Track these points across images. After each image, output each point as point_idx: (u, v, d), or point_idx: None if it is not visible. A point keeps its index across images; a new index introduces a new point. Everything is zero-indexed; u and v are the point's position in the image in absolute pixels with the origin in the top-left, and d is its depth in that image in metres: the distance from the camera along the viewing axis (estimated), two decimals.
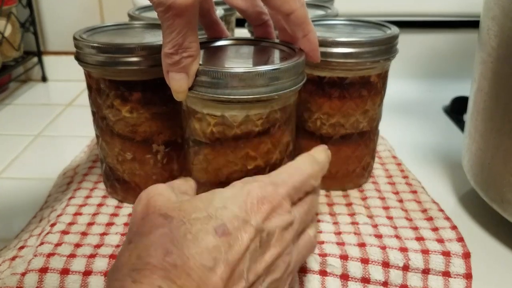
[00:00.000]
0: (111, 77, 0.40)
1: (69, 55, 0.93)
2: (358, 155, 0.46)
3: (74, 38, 0.40)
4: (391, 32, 0.43)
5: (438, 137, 0.66)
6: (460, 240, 0.40)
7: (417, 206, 0.45)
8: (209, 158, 0.37)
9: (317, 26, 0.47)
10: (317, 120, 0.44)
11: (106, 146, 0.43)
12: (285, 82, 0.34)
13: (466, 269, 0.38)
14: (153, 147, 0.42)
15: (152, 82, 0.40)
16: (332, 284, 0.36)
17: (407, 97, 0.80)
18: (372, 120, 0.45)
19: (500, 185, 0.42)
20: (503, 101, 0.41)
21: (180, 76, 0.33)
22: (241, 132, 0.35)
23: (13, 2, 0.84)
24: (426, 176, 0.52)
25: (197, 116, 0.36)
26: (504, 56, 0.41)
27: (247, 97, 0.33)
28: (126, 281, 0.24)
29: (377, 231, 0.41)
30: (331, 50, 0.41)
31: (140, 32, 0.44)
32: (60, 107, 0.83)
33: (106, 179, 0.46)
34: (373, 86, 0.43)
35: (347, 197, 0.46)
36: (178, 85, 0.33)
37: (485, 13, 0.45)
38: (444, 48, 0.85)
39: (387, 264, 0.37)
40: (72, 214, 0.43)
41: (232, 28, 0.62)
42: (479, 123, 0.45)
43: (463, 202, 0.51)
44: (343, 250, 0.38)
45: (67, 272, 0.36)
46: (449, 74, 0.84)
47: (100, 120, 0.42)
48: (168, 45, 0.32)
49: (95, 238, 0.40)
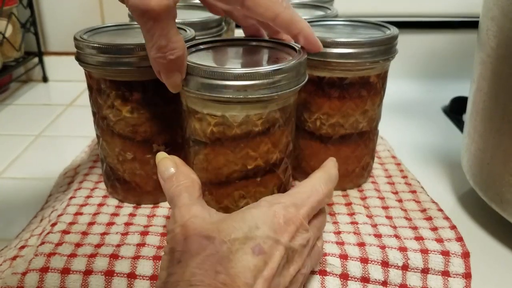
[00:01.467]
0: (112, 77, 0.40)
1: (69, 56, 0.93)
2: (357, 155, 0.46)
3: (74, 39, 0.40)
4: (390, 32, 0.43)
5: (437, 137, 0.66)
6: (459, 239, 0.40)
7: (417, 206, 0.45)
8: (209, 157, 0.37)
9: (316, 26, 0.47)
10: (316, 120, 0.45)
11: (106, 146, 0.44)
12: (285, 82, 0.34)
13: (465, 269, 0.38)
14: (153, 147, 0.43)
15: (153, 82, 0.40)
16: (331, 283, 0.36)
17: (407, 97, 0.80)
18: (372, 120, 0.46)
19: (499, 185, 0.42)
20: (502, 101, 0.41)
21: (175, 74, 0.34)
22: (241, 132, 0.35)
23: (14, 3, 0.85)
24: (426, 176, 0.53)
25: (197, 116, 0.36)
26: (503, 56, 0.41)
27: (247, 97, 0.33)
28: None
29: (376, 231, 0.41)
30: (330, 51, 0.41)
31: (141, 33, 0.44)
32: (61, 107, 0.83)
33: (107, 179, 0.46)
34: (372, 86, 0.43)
35: (346, 197, 0.47)
36: (172, 82, 0.35)
37: (484, 13, 0.45)
38: (444, 48, 0.85)
39: (386, 264, 0.37)
40: (73, 214, 0.43)
41: (232, 28, 0.62)
42: (478, 123, 0.45)
43: (462, 202, 0.51)
44: (342, 250, 0.38)
45: (67, 271, 0.36)
46: (449, 75, 0.84)
47: (100, 120, 0.43)
48: (153, 50, 0.33)
49: (95, 238, 0.40)
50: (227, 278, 0.27)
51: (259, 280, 0.28)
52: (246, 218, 0.30)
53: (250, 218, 0.30)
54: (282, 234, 0.30)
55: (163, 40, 0.32)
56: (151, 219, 0.43)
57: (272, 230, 0.30)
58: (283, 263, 0.30)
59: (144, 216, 0.43)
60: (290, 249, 0.30)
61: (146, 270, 0.36)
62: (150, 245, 0.39)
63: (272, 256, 0.29)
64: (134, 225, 0.42)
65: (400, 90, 0.80)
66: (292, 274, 0.31)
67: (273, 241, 0.30)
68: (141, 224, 0.42)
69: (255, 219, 0.30)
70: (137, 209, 0.44)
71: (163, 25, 0.31)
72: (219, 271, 0.28)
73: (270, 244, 0.29)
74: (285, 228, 0.30)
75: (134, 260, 0.37)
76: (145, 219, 0.43)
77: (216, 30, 0.49)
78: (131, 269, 0.36)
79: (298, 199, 0.33)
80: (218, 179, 0.37)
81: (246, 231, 0.29)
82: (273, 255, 0.29)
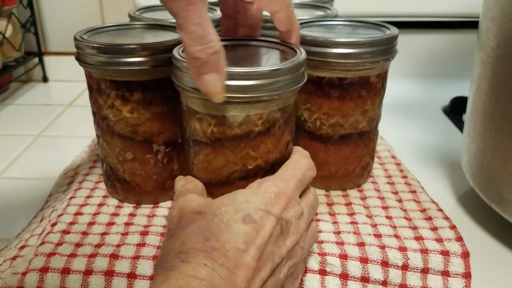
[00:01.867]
0: (112, 77, 0.40)
1: (69, 56, 0.93)
2: (357, 155, 0.46)
3: (74, 39, 0.40)
4: (390, 32, 0.43)
5: (437, 137, 0.66)
6: (459, 239, 0.40)
7: (416, 206, 0.45)
8: (210, 158, 0.37)
9: (316, 26, 0.47)
10: (316, 120, 0.45)
11: (106, 146, 0.44)
12: (285, 82, 0.34)
13: (465, 269, 0.38)
14: (153, 147, 0.43)
15: (153, 82, 0.40)
16: (331, 283, 0.36)
17: (407, 97, 0.80)
18: (372, 120, 0.46)
19: (499, 185, 0.42)
20: (502, 101, 0.41)
21: (213, 76, 0.31)
22: (241, 132, 0.35)
23: (14, 3, 0.85)
24: (425, 176, 0.53)
25: (197, 116, 0.36)
26: (503, 56, 0.41)
27: (247, 97, 0.33)
28: (175, 262, 0.27)
29: (376, 231, 0.41)
30: (330, 51, 0.41)
31: (141, 33, 0.44)
32: (61, 107, 0.83)
33: (107, 179, 0.46)
34: (372, 86, 0.43)
35: (346, 197, 0.47)
36: (213, 86, 0.31)
37: (484, 13, 0.45)
38: (444, 48, 0.85)
39: (386, 264, 0.38)
40: (73, 214, 0.43)
41: None
42: (478, 123, 0.45)
43: (462, 202, 0.51)
44: (342, 250, 0.38)
45: (67, 271, 0.36)
46: (449, 75, 0.84)
47: (100, 120, 0.43)
48: (191, 44, 0.30)
49: (95, 238, 0.40)
50: (216, 243, 0.28)
51: (251, 247, 0.28)
52: (237, 195, 0.32)
53: (241, 195, 0.31)
54: (272, 206, 0.31)
55: (200, 29, 0.29)
56: (151, 219, 0.43)
57: (263, 203, 0.31)
58: (276, 233, 0.30)
59: (144, 216, 0.43)
60: (283, 220, 0.31)
61: (146, 270, 0.36)
62: (150, 245, 0.39)
63: (263, 226, 0.30)
64: (134, 225, 0.42)
65: (400, 90, 0.80)
66: (289, 246, 0.31)
67: (264, 212, 0.30)
68: (141, 224, 0.42)
69: (246, 196, 0.31)
70: (137, 209, 0.45)
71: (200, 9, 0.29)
72: (209, 238, 0.28)
73: (261, 215, 0.30)
74: (275, 200, 0.31)
75: (134, 260, 0.37)
76: (145, 219, 0.43)
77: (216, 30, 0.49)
78: (131, 269, 0.36)
79: (285, 175, 0.34)
80: (218, 179, 0.37)
81: (237, 205, 0.30)
82: (264, 225, 0.30)
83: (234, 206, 0.30)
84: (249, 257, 0.28)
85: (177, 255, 0.27)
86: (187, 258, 0.27)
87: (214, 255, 0.27)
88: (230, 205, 0.30)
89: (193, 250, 0.27)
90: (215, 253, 0.27)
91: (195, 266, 0.26)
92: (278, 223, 0.30)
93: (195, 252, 0.27)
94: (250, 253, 0.28)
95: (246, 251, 0.28)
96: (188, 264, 0.27)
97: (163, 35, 0.43)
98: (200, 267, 0.26)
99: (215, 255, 0.27)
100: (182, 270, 0.26)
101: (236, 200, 0.31)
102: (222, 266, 0.27)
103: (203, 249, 0.27)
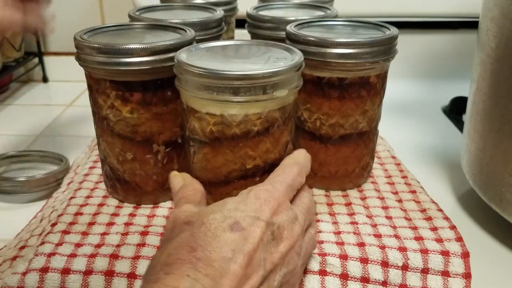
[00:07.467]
0: (112, 77, 0.40)
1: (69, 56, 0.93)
2: (357, 155, 0.46)
3: (74, 39, 0.40)
4: (390, 32, 0.43)
5: (437, 137, 0.66)
6: (459, 239, 0.40)
7: (416, 206, 0.45)
8: (209, 157, 0.37)
9: (316, 26, 0.47)
10: (316, 120, 0.45)
11: (106, 146, 0.44)
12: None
13: (465, 269, 0.38)
14: (153, 147, 0.43)
15: (153, 82, 0.40)
16: (331, 283, 0.36)
17: (406, 97, 0.80)
18: (372, 120, 0.46)
19: (499, 185, 0.42)
20: (502, 101, 0.41)
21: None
22: (240, 131, 0.35)
23: None
24: (425, 176, 0.53)
25: (196, 115, 0.36)
26: (503, 56, 0.41)
27: (246, 97, 0.33)
28: (159, 274, 0.27)
29: (376, 231, 0.41)
30: (330, 51, 0.41)
31: (141, 33, 0.45)
32: (61, 108, 0.83)
33: (107, 179, 0.46)
34: (372, 86, 0.44)
35: (346, 197, 0.47)
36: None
37: (484, 14, 0.45)
38: (443, 48, 0.85)
39: (386, 264, 0.37)
40: (73, 214, 0.43)
41: (232, 28, 0.62)
42: (478, 123, 0.45)
43: (462, 202, 0.51)
44: (342, 250, 0.38)
45: (67, 271, 0.36)
46: (448, 75, 0.84)
47: (100, 120, 0.43)
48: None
49: (95, 238, 0.40)
50: (202, 253, 0.27)
51: (238, 254, 0.28)
52: (227, 202, 0.31)
53: (231, 202, 0.31)
54: (262, 211, 0.30)
55: None
56: (151, 219, 0.43)
57: (252, 210, 0.30)
58: (267, 239, 0.30)
59: (144, 216, 0.43)
60: (274, 225, 0.30)
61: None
62: (150, 245, 0.39)
63: (252, 232, 0.29)
64: (134, 225, 0.42)
65: (400, 90, 0.80)
66: (283, 252, 0.30)
67: (253, 218, 0.30)
68: (141, 224, 0.42)
69: (235, 203, 0.31)
70: (137, 209, 0.45)
71: None
72: (195, 248, 0.28)
73: (249, 221, 0.30)
74: (265, 206, 0.31)
75: (134, 260, 0.37)
76: (145, 219, 0.43)
77: (216, 30, 0.49)
78: (131, 269, 0.36)
79: (274, 181, 0.34)
80: (217, 178, 0.37)
81: (225, 213, 0.30)
82: (253, 231, 0.29)
83: (222, 213, 0.30)
84: (236, 265, 0.28)
85: (162, 268, 0.27)
86: (171, 270, 0.27)
87: (198, 266, 0.27)
88: (218, 212, 0.30)
89: (179, 261, 0.27)
90: (200, 264, 0.27)
91: (178, 277, 0.26)
92: (268, 229, 0.30)
93: (181, 263, 0.27)
94: (238, 261, 0.28)
95: (233, 259, 0.28)
96: (171, 276, 0.26)
97: (163, 35, 0.43)
98: (183, 278, 0.26)
99: (199, 266, 0.27)
100: (165, 282, 0.26)
101: (224, 208, 0.30)
102: (206, 277, 0.26)
103: (189, 260, 0.27)
